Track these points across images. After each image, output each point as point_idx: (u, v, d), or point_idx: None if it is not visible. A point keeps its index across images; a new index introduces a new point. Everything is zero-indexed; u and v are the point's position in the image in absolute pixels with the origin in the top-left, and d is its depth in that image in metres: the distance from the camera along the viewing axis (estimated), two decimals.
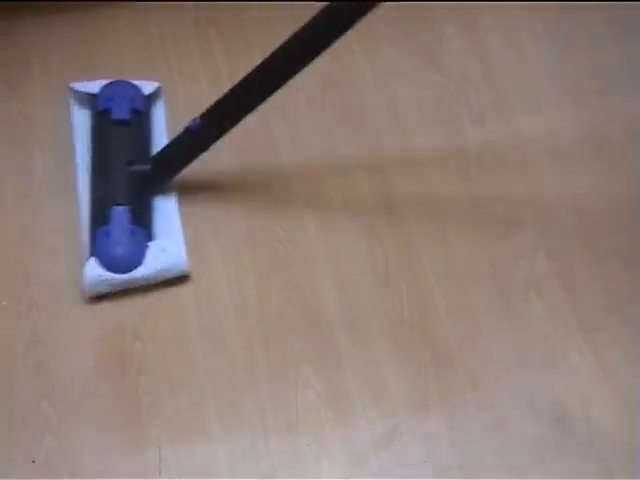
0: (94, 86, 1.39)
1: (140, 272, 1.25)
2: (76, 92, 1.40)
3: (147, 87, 1.41)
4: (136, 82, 1.40)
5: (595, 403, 1.20)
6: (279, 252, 1.31)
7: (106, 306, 1.27)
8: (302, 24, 1.13)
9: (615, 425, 1.18)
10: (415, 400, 1.20)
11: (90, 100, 1.39)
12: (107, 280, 1.24)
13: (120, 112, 1.35)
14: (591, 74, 1.49)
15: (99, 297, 1.27)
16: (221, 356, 1.23)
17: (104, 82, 1.39)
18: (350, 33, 1.51)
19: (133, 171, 1.30)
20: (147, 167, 1.31)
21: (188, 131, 1.25)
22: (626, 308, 1.26)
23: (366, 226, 1.34)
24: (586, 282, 1.29)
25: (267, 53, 1.50)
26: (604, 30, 1.53)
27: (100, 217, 1.27)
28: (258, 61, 1.48)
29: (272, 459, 1.16)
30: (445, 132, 1.43)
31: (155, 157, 1.32)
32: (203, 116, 1.24)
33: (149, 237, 1.28)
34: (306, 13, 1.53)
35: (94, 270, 1.24)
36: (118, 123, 1.34)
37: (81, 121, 1.39)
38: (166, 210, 1.32)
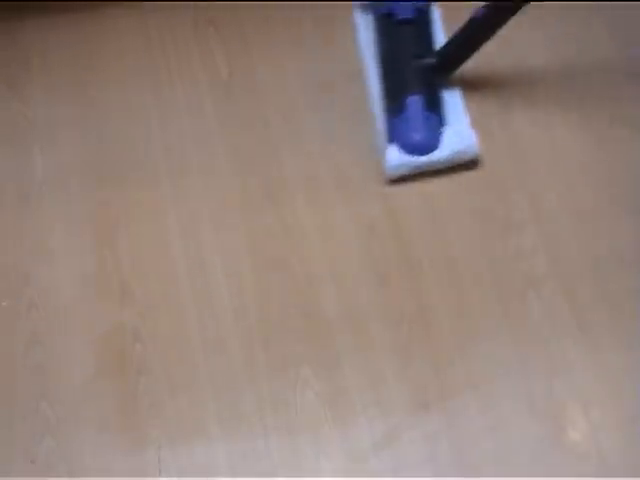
0: None
1: (437, 155, 1.35)
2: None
3: None
4: None
5: (595, 403, 1.20)
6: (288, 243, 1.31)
7: (106, 306, 1.27)
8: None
9: (615, 425, 1.18)
10: (415, 400, 1.20)
11: (372, 6, 1.50)
12: (408, 163, 1.34)
13: (404, 12, 1.45)
14: (591, 74, 1.48)
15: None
16: (221, 356, 1.23)
17: None
18: (350, 33, 1.53)
19: (421, 64, 1.41)
20: (434, 59, 1.41)
21: (472, 21, 1.34)
22: (626, 308, 1.26)
23: (366, 226, 1.34)
24: (585, 283, 1.29)
25: (266, 53, 1.52)
26: (604, 30, 1.53)
27: (396, 107, 1.38)
28: (258, 61, 1.50)
29: (272, 459, 1.16)
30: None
31: (441, 49, 1.42)
32: (487, 5, 1.32)
33: (442, 123, 1.38)
34: (305, 13, 1.54)
35: (396, 154, 1.34)
36: (403, 22, 1.45)
37: (364, 25, 1.50)
38: (453, 99, 1.42)
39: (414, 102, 1.37)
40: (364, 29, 1.50)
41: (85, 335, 1.25)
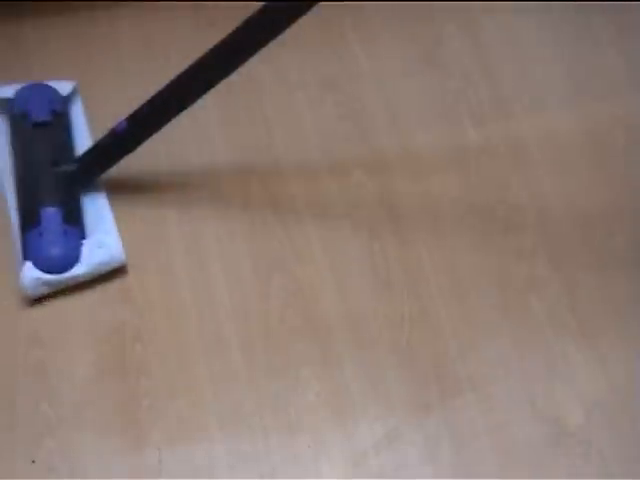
0: (9, 90, 1.38)
1: (78, 270, 1.25)
2: None
3: (64, 87, 1.39)
4: (52, 83, 1.39)
5: (595, 403, 1.20)
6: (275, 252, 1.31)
7: (107, 307, 1.27)
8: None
9: (615, 425, 1.18)
10: (415, 401, 1.20)
11: (6, 105, 1.38)
12: (46, 282, 1.23)
13: (40, 114, 1.34)
14: (592, 74, 1.49)
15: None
16: (221, 357, 1.23)
17: (18, 86, 1.38)
18: (350, 33, 1.53)
19: (59, 172, 1.30)
20: (73, 167, 1.30)
21: (114, 133, 1.25)
22: (626, 309, 1.26)
23: (367, 227, 1.34)
24: (586, 283, 1.29)
25: (266, 53, 1.51)
26: (604, 30, 1.53)
27: (30, 220, 1.27)
28: (258, 61, 1.50)
29: (272, 460, 1.16)
30: (445, 132, 1.43)
31: (80, 158, 1.31)
32: (129, 118, 1.24)
33: (83, 235, 1.28)
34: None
35: (31, 273, 1.23)
36: (38, 125, 1.33)
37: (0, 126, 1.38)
38: (97, 207, 1.32)
39: (50, 215, 1.25)
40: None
41: (85, 335, 1.25)
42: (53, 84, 1.39)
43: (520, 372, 1.22)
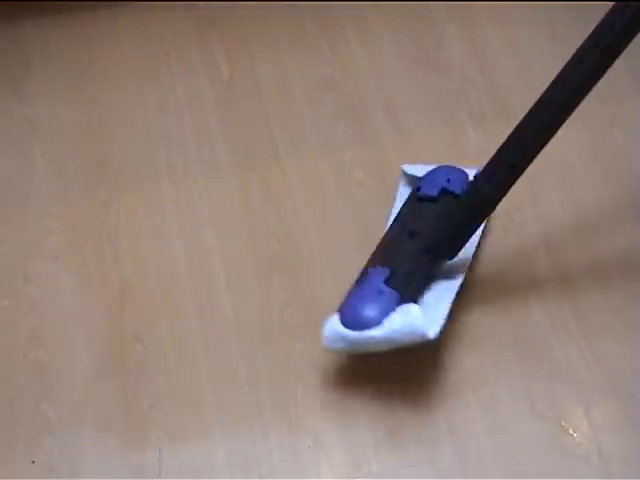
0: (420, 169, 1.35)
1: (374, 332, 1.14)
2: (405, 175, 1.37)
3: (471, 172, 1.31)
4: (467, 169, 1.33)
5: (595, 404, 1.20)
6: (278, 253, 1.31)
7: (106, 306, 1.27)
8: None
9: (615, 426, 1.18)
10: (416, 401, 1.20)
11: (414, 181, 1.35)
12: (342, 337, 1.15)
13: (428, 189, 1.29)
14: None
15: None
16: (221, 357, 1.23)
17: (432, 167, 1.34)
18: (350, 33, 1.53)
19: (411, 240, 1.24)
20: (427, 240, 1.23)
21: (476, 192, 1.19)
22: (626, 310, 1.26)
23: (366, 227, 1.34)
24: (586, 284, 1.29)
25: (267, 53, 1.52)
26: None
27: (360, 276, 1.21)
28: (258, 61, 1.50)
29: (272, 459, 1.16)
30: (445, 132, 1.43)
31: (438, 233, 1.24)
32: (485, 173, 1.18)
33: (399, 302, 1.17)
34: (306, 13, 1.54)
35: (333, 326, 1.16)
36: (424, 199, 1.28)
37: (401, 198, 1.35)
38: (444, 288, 1.23)
39: (374, 273, 1.19)
40: (398, 202, 1.35)
41: (85, 335, 1.25)
42: (467, 169, 1.33)
43: (520, 372, 1.22)
